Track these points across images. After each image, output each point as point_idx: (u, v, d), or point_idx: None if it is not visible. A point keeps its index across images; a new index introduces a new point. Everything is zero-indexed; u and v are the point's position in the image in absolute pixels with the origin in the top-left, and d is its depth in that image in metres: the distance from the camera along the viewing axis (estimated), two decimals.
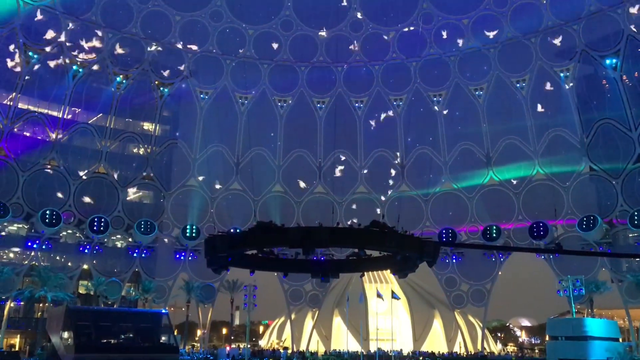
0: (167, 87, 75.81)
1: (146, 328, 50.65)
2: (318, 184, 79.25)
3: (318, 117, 79.77)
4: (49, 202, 66.29)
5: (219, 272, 36.15)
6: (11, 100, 65.49)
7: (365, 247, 26.56)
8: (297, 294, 77.16)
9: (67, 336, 45.58)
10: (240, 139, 78.18)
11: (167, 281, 73.43)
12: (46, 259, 67.38)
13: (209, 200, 75.92)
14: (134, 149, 75.53)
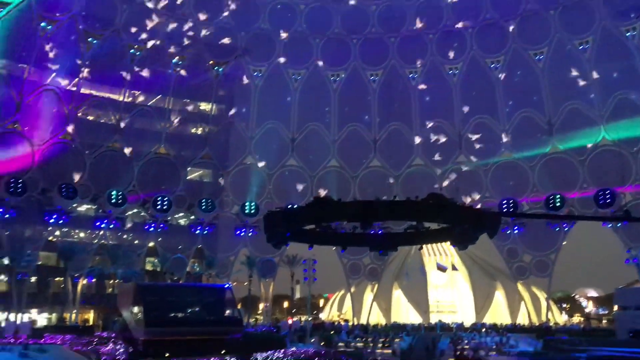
0: (221, 66, 76.71)
1: (211, 302, 52.19)
2: (373, 157, 78.76)
3: (372, 90, 78.96)
4: (114, 183, 68.84)
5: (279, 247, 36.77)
6: (74, 85, 67.92)
7: (423, 219, 26.36)
8: (355, 267, 77.60)
9: (137, 311, 47.58)
10: (295, 115, 78.48)
11: (229, 257, 75.41)
12: (114, 238, 70.32)
13: (267, 177, 76.92)
14: (192, 129, 77.20)
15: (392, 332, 60.64)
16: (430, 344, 50.76)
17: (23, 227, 64.17)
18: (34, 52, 63.90)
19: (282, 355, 39.70)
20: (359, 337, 57.11)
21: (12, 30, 62.09)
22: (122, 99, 71.59)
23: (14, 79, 63.23)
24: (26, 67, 63.84)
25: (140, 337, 44.93)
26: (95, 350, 42.29)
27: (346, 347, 52.20)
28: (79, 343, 43.75)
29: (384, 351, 50.22)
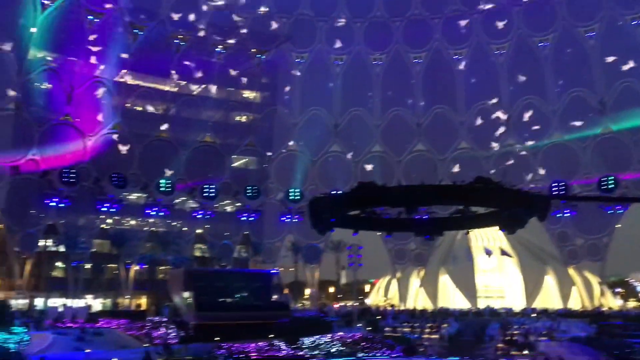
0: (264, 54, 77.01)
1: (258, 287, 53.12)
2: (418, 141, 77.83)
3: (415, 73, 77.85)
4: (162, 171, 70.30)
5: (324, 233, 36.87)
6: (122, 77, 69.48)
7: (470, 204, 25.90)
8: (401, 252, 77.20)
9: (187, 296, 48.81)
10: (338, 101, 78.21)
11: (275, 243, 76.19)
12: (164, 225, 72.01)
13: (311, 164, 77.09)
14: (236, 117, 77.98)
15: (439, 317, 60.21)
16: (478, 329, 50.24)
17: (77, 216, 66.41)
18: (83, 45, 65.60)
19: (330, 340, 40.08)
20: (406, 322, 56.93)
21: (61, 24, 63.87)
22: (168, 89, 72.84)
23: (64, 72, 65.14)
24: (76, 60, 65.64)
25: (191, 322, 46.13)
26: (148, 334, 43.66)
27: (393, 332, 52.16)
28: (133, 327, 45.23)
29: (432, 336, 49.96)
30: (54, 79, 64.70)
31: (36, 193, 62.82)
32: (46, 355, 29.30)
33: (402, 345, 39.94)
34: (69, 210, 64.71)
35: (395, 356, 36.99)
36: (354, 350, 37.44)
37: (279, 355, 35.17)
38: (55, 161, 63.49)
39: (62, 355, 32.14)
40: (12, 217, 61.56)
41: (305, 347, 37.84)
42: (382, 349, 38.22)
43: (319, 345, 38.58)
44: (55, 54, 64.98)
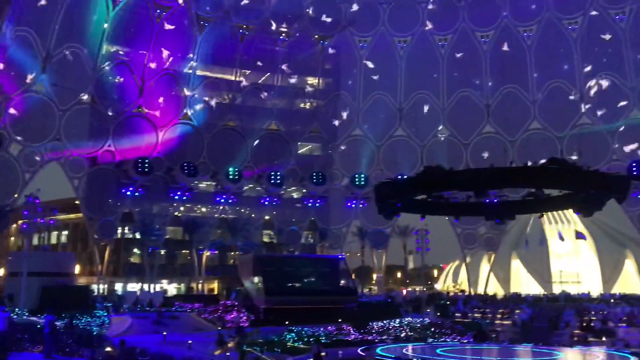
0: (326, 39, 76.89)
1: (326, 272, 53.67)
2: (486, 123, 75.72)
3: (482, 52, 75.55)
4: (230, 159, 71.87)
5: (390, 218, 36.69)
6: (190, 68, 71.28)
7: (543, 186, 25.04)
8: (470, 237, 75.64)
9: (257, 281, 49.97)
10: (402, 84, 77.13)
11: (341, 228, 76.50)
12: (233, 212, 73.72)
13: (375, 148, 76.64)
14: (300, 104, 78.46)
15: (511, 303, 58.82)
16: (553, 315, 48.72)
17: (151, 204, 68.98)
18: (152, 38, 67.70)
19: (398, 325, 39.97)
20: (476, 308, 55.97)
21: (131, 19, 66.13)
22: (234, 78, 74.13)
23: (135, 65, 67.55)
24: (145, 54, 67.87)
25: (261, 306, 47.24)
26: (221, 318, 45.05)
27: (463, 317, 51.43)
28: (206, 311, 46.80)
29: (504, 322, 48.92)
30: (126, 73, 67.21)
31: (113, 183, 65.70)
32: (126, 337, 30.74)
33: (472, 331, 39.30)
34: (143, 199, 67.30)
35: (465, 342, 36.45)
36: (423, 335, 37.16)
37: (348, 339, 35.39)
38: (130, 152, 66.16)
39: (141, 337, 33.64)
40: (91, 206, 64.74)
41: (373, 332, 37.90)
42: (452, 335, 37.74)
43: (387, 330, 38.54)
44: (126, 48, 67.43)
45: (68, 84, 61.47)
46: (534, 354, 30.59)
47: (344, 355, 28.78)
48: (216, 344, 31.77)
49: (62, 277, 44.38)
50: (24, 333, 26.11)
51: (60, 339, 24.74)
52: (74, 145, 62.78)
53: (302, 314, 43.49)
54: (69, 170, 63.04)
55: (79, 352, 23.38)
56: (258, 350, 28.91)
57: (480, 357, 28.21)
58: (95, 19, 63.69)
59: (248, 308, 47.29)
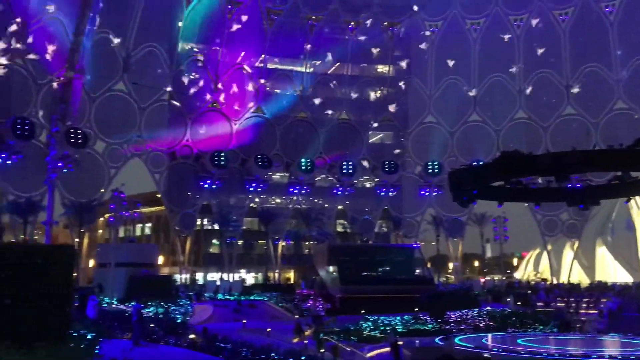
0: (396, 26, 75.84)
1: (401, 261, 53.41)
2: (567, 104, 72.41)
3: (561, 31, 72.13)
4: (302, 151, 72.58)
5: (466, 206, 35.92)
6: (261, 62, 72.42)
7: (630, 169, 23.75)
8: (552, 224, 72.79)
9: (332, 270, 50.44)
10: (475, 68, 74.97)
11: (415, 217, 75.65)
12: (306, 202, 74.53)
13: (449, 135, 75.11)
14: (371, 92, 77.95)
15: (597, 291, 56.26)
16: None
17: (228, 195, 70.92)
18: (224, 34, 69.27)
19: (477, 314, 39.15)
20: (560, 297, 53.91)
21: (204, 16, 67.87)
22: (304, 70, 74.67)
23: (210, 62, 69.41)
24: (219, 49, 69.56)
25: (337, 295, 47.64)
26: (297, 306, 45.81)
27: (545, 307, 49.69)
28: (283, 299, 47.72)
29: (589, 312, 46.91)
30: (202, 69, 69.21)
31: (191, 176, 68.01)
32: (208, 325, 31.86)
33: (556, 321, 37.90)
34: (220, 191, 69.26)
35: (548, 332, 35.22)
36: (503, 325, 36.22)
37: (425, 329, 35.06)
38: (206, 145, 68.17)
39: (222, 325, 34.74)
40: (172, 199, 67.34)
41: (451, 322, 37.33)
42: (534, 325, 36.56)
43: (465, 319, 37.86)
44: (200, 45, 69.37)
45: (147, 82, 63.98)
46: (623, 345, 29.14)
47: (421, 344, 28.53)
48: (294, 332, 32.34)
49: (147, 268, 46.37)
50: (113, 321, 27.57)
51: (147, 327, 25.94)
52: (154, 141, 65.44)
53: (377, 303, 43.50)
54: (151, 165, 65.80)
55: (165, 339, 24.43)
56: (335, 338, 29.16)
57: (564, 347, 27.19)
58: (171, 18, 65.85)
59: (324, 297, 47.79)
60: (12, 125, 53.65)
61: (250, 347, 20.18)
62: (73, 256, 12.17)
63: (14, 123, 53.82)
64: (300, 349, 24.47)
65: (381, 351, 26.89)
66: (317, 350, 26.62)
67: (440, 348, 27.29)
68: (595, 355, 23.52)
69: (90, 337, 16.40)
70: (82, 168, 58.57)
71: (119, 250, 44.01)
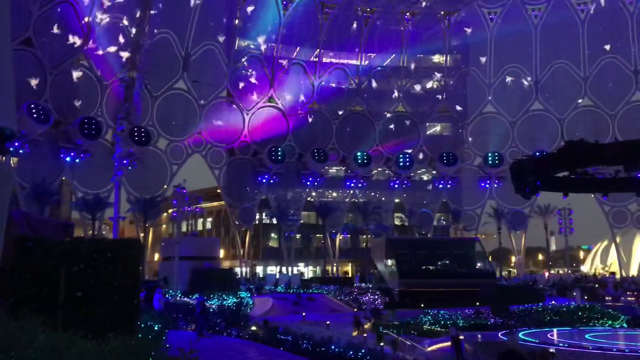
0: (453, 15, 74.34)
1: (461, 255, 52.47)
2: (635, 90, 69.10)
3: (628, 14, 68.83)
4: (359, 144, 72.39)
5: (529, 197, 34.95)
6: (316, 56, 72.59)
7: None
8: (621, 215, 69.81)
9: (390, 263, 50.13)
10: (537, 54, 72.57)
11: (475, 209, 74.17)
12: (363, 196, 74.34)
13: (509, 125, 73.11)
14: (428, 83, 76.80)
15: None
16: None
17: (285, 190, 71.67)
18: (280, 29, 69.80)
19: (541, 309, 38.04)
20: (629, 292, 51.69)
21: (259, 11, 68.55)
22: (359, 63, 74.36)
23: (266, 58, 70.16)
24: (275, 46, 70.19)
25: (395, 288, 47.33)
26: (356, 300, 45.80)
27: (614, 301, 47.77)
28: (341, 293, 47.83)
29: None
30: (258, 66, 70.05)
31: (249, 171, 69.11)
32: (268, 317, 32.35)
33: (626, 316, 36.38)
34: (278, 186, 70.10)
35: (618, 327, 33.85)
36: (569, 320, 35.05)
37: (487, 323, 34.37)
38: (264, 140, 69.03)
39: (282, 317, 35.18)
40: (231, 194, 68.66)
41: (514, 316, 36.44)
42: (603, 319, 35.21)
43: (529, 314, 36.86)
44: (256, 42, 70.18)
45: (206, 80, 65.34)
46: None
47: (484, 339, 27.99)
48: (353, 325, 32.40)
49: (209, 261, 47.43)
50: (178, 313, 28.39)
51: (210, 319, 26.61)
52: (213, 138, 66.83)
53: (437, 297, 42.95)
54: (210, 161, 67.28)
55: (227, 331, 24.99)
56: (394, 332, 29.02)
57: (635, 343, 26.07)
58: (228, 16, 66.93)
59: (382, 290, 47.59)
60: (80, 125, 55.90)
61: (310, 339, 20.35)
62: (140, 250, 12.58)
63: (81, 123, 56.07)
64: (359, 342, 24.48)
65: (442, 345, 26.60)
66: (377, 343, 26.57)
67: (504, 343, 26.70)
68: None
69: (157, 329, 17.00)
70: (145, 165, 60.52)
71: (182, 244, 45.10)
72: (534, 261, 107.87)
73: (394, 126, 74.21)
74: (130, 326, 10.71)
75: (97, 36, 58.34)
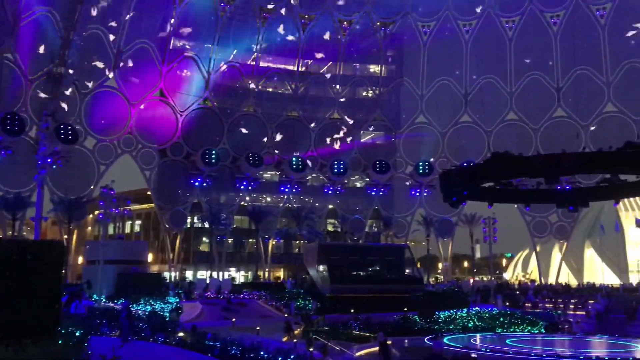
0: (388, 26, 75.96)
1: (391, 261, 53.40)
2: (557, 106, 72.88)
3: (552, 33, 72.58)
4: (295, 149, 72.55)
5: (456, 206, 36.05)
6: (254, 60, 72.24)
7: (619, 171, 23.96)
8: (541, 225, 73.30)
9: (322, 269, 50.37)
10: (467, 68, 75.29)
11: (406, 217, 75.89)
12: (297, 201, 74.53)
13: (440, 135, 75.36)
14: (363, 92, 78.07)
15: (585, 293, 56.71)
16: (630, 305, 46.54)
17: (218, 193, 70.83)
18: (217, 33, 68.98)
19: (466, 314, 39.28)
20: (548, 298, 54.28)
21: (196, 13, 67.56)
22: (296, 68, 74.67)
23: (202, 59, 69.11)
24: (211, 47, 69.29)
25: (327, 293, 47.60)
26: (287, 305, 45.72)
27: (534, 308, 49.99)
28: (273, 298, 47.63)
29: (577, 313, 47.23)
30: (193, 67, 68.91)
31: (182, 174, 67.81)
32: (197, 323, 31.76)
33: (544, 322, 38.14)
34: (211, 189, 69.17)
35: (536, 332, 35.44)
36: (492, 325, 36.39)
37: (414, 329, 35.13)
38: (196, 143, 67.89)
39: (211, 323, 34.65)
40: (162, 197, 67.15)
41: (440, 321, 37.44)
42: (522, 325, 36.76)
43: (454, 319, 37.98)
44: (192, 43, 69.07)
45: (138, 78, 63.65)
46: (610, 346, 29.39)
47: (410, 344, 28.60)
48: (284, 331, 32.33)
49: (136, 265, 46.19)
50: (102, 318, 27.41)
51: (136, 324, 25.82)
52: (145, 138, 65.14)
53: (367, 302, 43.52)
54: (141, 162, 65.51)
55: (154, 337, 24.33)
56: (324, 337, 29.16)
57: (552, 348, 27.38)
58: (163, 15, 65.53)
59: (314, 296, 47.77)
60: (2, 121, 53.23)
61: (239, 346, 20.11)
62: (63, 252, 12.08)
63: (3, 118, 53.41)
64: (289, 347, 24.44)
65: (370, 350, 26.94)
66: (307, 349, 26.62)
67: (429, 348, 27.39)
68: (582, 357, 23.69)
69: (79, 334, 16.33)
70: (71, 164, 58.20)
71: (108, 247, 43.68)
72: (460, 268, 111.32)
73: (330, 132, 74.88)
74: (51, 332, 10.26)
75: (23, 29, 55.73)
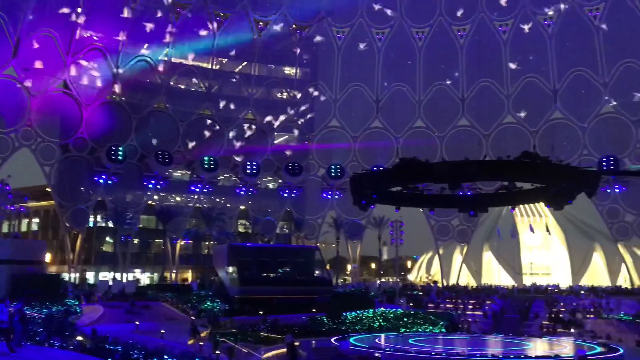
0: (304, 29, 76.50)
1: (301, 263, 53.72)
2: (461, 116, 76.37)
3: (459, 46, 75.94)
4: (206, 149, 71.19)
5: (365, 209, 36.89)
6: (165, 55, 70.21)
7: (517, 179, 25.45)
8: (444, 229, 76.50)
9: (231, 270, 49.78)
10: (379, 76, 77.24)
11: (317, 219, 76.65)
12: (208, 202, 73.23)
13: (351, 140, 76.72)
14: (277, 94, 78.08)
15: (482, 294, 59.74)
16: (523, 306, 49.63)
17: (124, 192, 68.20)
18: (127, 25, 66.44)
19: (372, 315, 40.28)
20: (449, 299, 56.70)
21: (105, 3, 64.72)
22: (210, 66, 73.42)
23: (110, 52, 66.27)
24: (120, 40, 66.60)
25: (235, 295, 47.11)
26: (194, 307, 44.77)
27: (435, 308, 52.04)
28: (180, 300, 46.50)
29: (475, 313, 49.65)
30: (100, 59, 65.94)
31: (85, 170, 64.68)
32: (98, 327, 30.41)
33: (444, 322, 39.82)
34: (116, 187, 66.50)
35: (437, 332, 36.93)
36: (396, 325, 37.54)
37: (322, 329, 35.56)
38: (102, 139, 65.04)
39: (113, 326, 33.31)
40: (63, 194, 63.71)
41: (347, 322, 38.13)
42: (425, 325, 38.19)
43: (361, 320, 38.82)
44: (100, 34, 66.06)
45: (40, 68, 60.09)
46: (504, 344, 31.14)
47: (318, 345, 28.92)
48: (190, 333, 31.67)
49: (33, 265, 43.58)
50: None
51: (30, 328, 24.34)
52: (45, 132, 61.60)
53: (276, 303, 43.55)
54: (41, 157, 61.87)
55: (49, 341, 23.03)
56: (231, 340, 28.86)
57: (451, 346, 28.61)
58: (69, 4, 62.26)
59: (223, 297, 47.13)
60: None
61: (142, 350, 19.50)
62: None
63: None
64: (195, 350, 23.99)
65: (278, 352, 26.96)
66: (213, 351, 26.22)
67: (336, 348, 27.82)
68: (478, 355, 24.95)
69: None
70: None
71: (1, 246, 40.89)
72: (368, 269, 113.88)
73: (243, 133, 74.22)
74: None
75: None
